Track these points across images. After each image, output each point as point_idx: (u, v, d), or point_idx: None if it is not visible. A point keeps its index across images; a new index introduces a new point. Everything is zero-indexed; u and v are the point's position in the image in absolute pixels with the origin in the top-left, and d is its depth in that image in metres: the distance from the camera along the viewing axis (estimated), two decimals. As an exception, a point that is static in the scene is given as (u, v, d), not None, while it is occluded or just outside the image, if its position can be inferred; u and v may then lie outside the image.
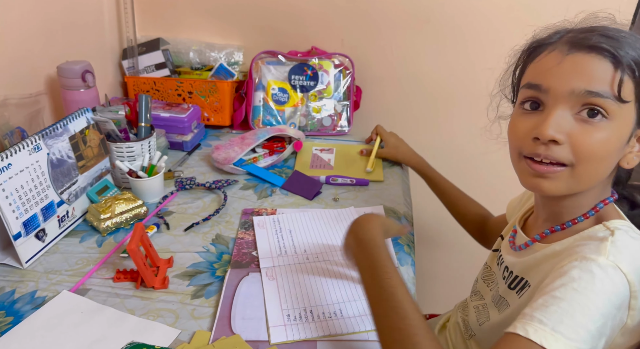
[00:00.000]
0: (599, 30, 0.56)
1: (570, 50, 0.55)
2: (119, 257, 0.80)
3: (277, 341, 0.64)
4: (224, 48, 1.32)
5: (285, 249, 0.82)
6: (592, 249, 0.53)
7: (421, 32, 1.25)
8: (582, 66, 0.54)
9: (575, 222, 0.60)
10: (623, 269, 0.51)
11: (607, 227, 0.57)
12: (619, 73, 0.52)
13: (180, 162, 1.13)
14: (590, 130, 0.54)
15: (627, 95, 0.53)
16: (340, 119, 1.29)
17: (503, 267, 0.70)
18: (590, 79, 0.53)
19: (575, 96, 0.54)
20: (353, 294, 0.72)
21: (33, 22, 1.00)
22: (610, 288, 0.50)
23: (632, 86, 0.54)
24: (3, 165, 0.73)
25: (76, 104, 0.98)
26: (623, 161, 0.58)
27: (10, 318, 0.67)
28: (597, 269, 0.50)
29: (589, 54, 0.54)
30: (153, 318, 0.68)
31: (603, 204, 0.60)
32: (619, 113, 0.54)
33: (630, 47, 0.54)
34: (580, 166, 0.55)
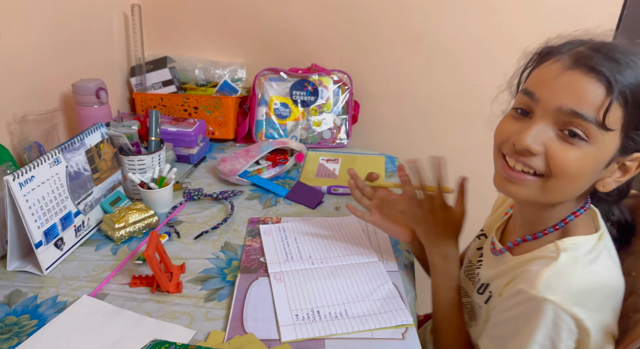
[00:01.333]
0: (607, 49, 0.54)
1: (571, 66, 0.54)
2: (133, 264, 0.85)
3: (287, 339, 0.68)
4: (227, 65, 1.38)
5: (291, 255, 0.87)
6: (530, 276, 0.58)
7: (415, 51, 1.32)
8: (575, 85, 0.53)
9: (546, 233, 0.63)
10: (555, 300, 0.54)
11: (557, 248, 0.60)
12: (608, 100, 0.52)
13: (187, 174, 1.18)
14: (567, 148, 0.55)
15: (612, 123, 0.53)
16: (339, 132, 1.35)
17: (477, 272, 0.77)
18: (579, 99, 0.53)
19: (562, 112, 0.54)
20: (357, 295, 0.77)
21: (48, 43, 1.06)
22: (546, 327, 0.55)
23: (620, 115, 0.53)
24: (27, 177, 0.77)
25: (90, 119, 1.03)
26: (599, 183, 0.58)
27: (35, 321, 0.71)
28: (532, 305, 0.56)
29: (586, 75, 0.53)
30: (169, 320, 0.72)
31: (573, 216, 0.61)
32: (600, 139, 0.54)
33: (632, 75, 0.52)
34: (552, 179, 0.57)
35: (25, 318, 0.71)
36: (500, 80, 1.32)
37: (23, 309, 0.73)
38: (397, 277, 0.82)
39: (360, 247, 0.89)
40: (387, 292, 0.77)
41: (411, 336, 0.69)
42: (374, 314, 0.73)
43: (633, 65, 0.53)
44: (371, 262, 0.85)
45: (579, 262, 0.58)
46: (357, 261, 0.85)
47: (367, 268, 0.83)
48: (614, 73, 0.52)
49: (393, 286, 0.78)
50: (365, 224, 0.97)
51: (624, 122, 0.54)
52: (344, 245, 0.90)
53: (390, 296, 0.76)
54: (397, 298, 0.76)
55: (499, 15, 1.24)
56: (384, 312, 0.73)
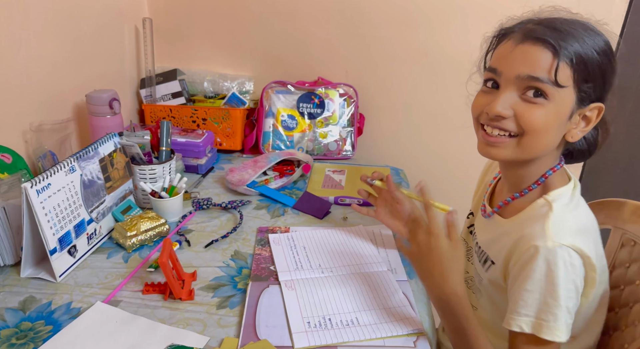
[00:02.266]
0: (550, 23, 0.64)
1: (522, 40, 0.64)
2: (145, 272, 0.86)
3: (300, 346, 0.69)
4: (235, 78, 1.41)
5: (301, 264, 0.88)
6: (537, 232, 0.64)
7: (420, 65, 1.35)
8: (527, 55, 0.63)
9: (530, 189, 0.71)
10: (567, 243, 0.62)
11: (546, 201, 0.68)
12: (556, 62, 0.61)
13: (195, 184, 1.19)
14: (532, 107, 0.64)
15: (563, 81, 0.62)
16: (345, 144, 1.37)
17: (476, 243, 0.81)
18: (532, 66, 0.63)
19: (521, 79, 0.64)
20: (367, 304, 0.78)
21: (63, 55, 1.09)
22: (571, 267, 0.62)
23: (569, 73, 0.62)
24: (44, 185, 0.79)
25: (103, 129, 1.05)
26: (568, 135, 0.67)
27: (50, 327, 0.71)
28: (551, 256, 0.62)
29: (534, 45, 0.63)
30: (183, 327, 0.73)
31: (552, 171, 0.69)
32: (557, 95, 0.63)
33: (573, 39, 0.62)
34: (524, 136, 0.66)
35: (40, 323, 0.72)
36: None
37: (38, 315, 0.74)
38: (407, 286, 0.83)
39: (369, 257, 0.90)
40: (397, 301, 0.78)
41: (423, 344, 0.70)
42: (385, 322, 0.74)
43: (573, 31, 0.63)
44: (380, 272, 0.86)
45: (568, 209, 0.67)
46: (366, 271, 0.86)
47: (377, 277, 0.84)
48: (557, 40, 0.62)
49: (403, 296, 0.79)
50: (374, 235, 0.98)
51: (574, 79, 0.63)
52: (353, 255, 0.91)
53: (400, 305, 0.77)
54: (408, 307, 0.77)
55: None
56: (395, 321, 0.74)
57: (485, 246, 0.78)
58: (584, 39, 0.63)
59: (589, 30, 0.64)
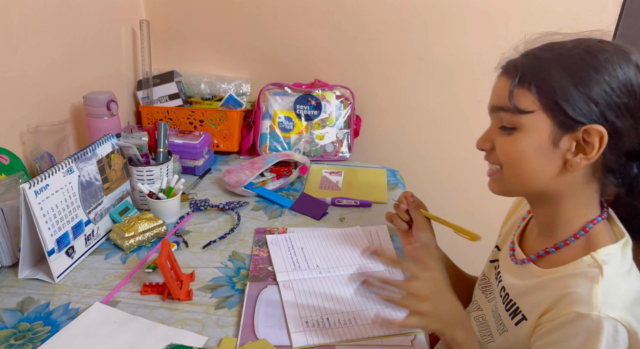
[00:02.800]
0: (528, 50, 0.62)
1: (499, 73, 0.64)
2: (143, 273, 0.86)
3: (298, 345, 0.69)
4: (233, 80, 1.41)
5: (298, 264, 0.89)
6: (583, 297, 0.56)
7: (415, 68, 1.36)
8: (496, 87, 0.64)
9: (567, 243, 0.63)
10: (615, 316, 0.54)
11: (595, 260, 0.59)
12: (511, 87, 0.60)
13: (193, 185, 1.20)
14: (507, 139, 0.62)
15: (526, 106, 0.59)
16: (341, 146, 1.38)
17: (501, 286, 0.73)
18: (497, 96, 0.63)
19: (492, 111, 0.64)
20: (365, 304, 0.78)
21: (60, 57, 1.09)
22: (613, 341, 0.54)
23: (532, 97, 0.58)
24: (42, 186, 0.79)
25: (100, 131, 1.05)
26: (567, 166, 0.59)
27: (48, 327, 0.72)
28: (594, 327, 0.54)
29: (502, 76, 0.63)
30: (181, 327, 0.73)
31: (592, 224, 0.62)
32: (527, 122, 0.59)
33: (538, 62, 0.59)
34: (504, 169, 0.64)
35: (38, 324, 0.72)
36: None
37: (36, 315, 0.74)
38: None
39: (366, 258, 0.91)
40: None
41: (419, 344, 0.71)
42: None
43: (542, 53, 0.59)
44: (378, 272, 0.87)
45: (620, 274, 0.58)
46: (363, 271, 0.87)
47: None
48: (516, 64, 0.60)
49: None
50: (370, 235, 0.99)
51: (540, 102, 0.58)
52: (350, 255, 0.92)
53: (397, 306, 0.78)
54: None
55: (497, 34, 1.29)
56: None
57: (516, 296, 0.68)
58: (555, 59, 0.58)
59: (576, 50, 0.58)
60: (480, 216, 1.51)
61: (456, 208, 1.52)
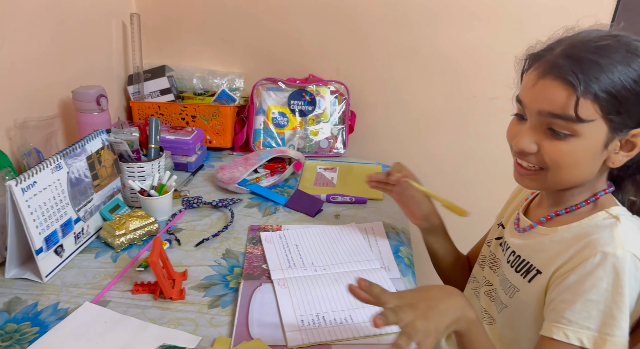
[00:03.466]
0: (576, 52, 0.60)
1: (544, 74, 0.61)
2: (135, 271, 0.84)
3: (293, 344, 0.68)
4: (225, 75, 1.39)
5: (293, 262, 0.87)
6: (606, 239, 0.60)
7: (411, 63, 1.35)
8: (548, 91, 0.61)
9: (578, 206, 0.67)
10: (637, 253, 0.58)
11: (610, 214, 0.63)
12: (575, 98, 0.58)
13: (185, 182, 1.18)
14: (557, 143, 0.62)
15: (589, 115, 0.59)
16: (336, 142, 1.36)
17: (509, 251, 0.75)
18: (552, 103, 0.60)
19: (542, 115, 0.62)
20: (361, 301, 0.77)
21: (49, 51, 1.06)
22: (634, 279, 0.58)
23: (594, 107, 0.59)
24: (29, 182, 0.77)
25: (90, 126, 1.03)
26: (608, 161, 0.63)
27: (36, 328, 0.70)
28: (620, 264, 0.58)
29: (555, 81, 0.60)
30: (174, 327, 0.72)
31: (603, 192, 0.67)
32: (584, 130, 0.60)
33: (599, 70, 0.58)
34: (551, 171, 0.64)
35: (26, 325, 0.70)
36: (494, 93, 1.36)
37: (23, 316, 0.72)
38: (400, 284, 0.83)
39: (362, 255, 0.90)
40: None
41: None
42: None
43: (600, 60, 0.59)
44: (373, 269, 0.86)
45: (634, 224, 0.63)
46: (359, 268, 0.86)
47: (370, 275, 0.84)
48: (578, 74, 0.58)
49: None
50: (366, 232, 0.98)
51: (601, 111, 0.59)
52: (346, 252, 0.91)
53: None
54: None
55: (492, 29, 1.28)
56: None
57: (528, 254, 0.71)
58: (614, 67, 0.58)
59: (626, 54, 0.59)
60: (476, 211, 1.50)
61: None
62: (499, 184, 1.01)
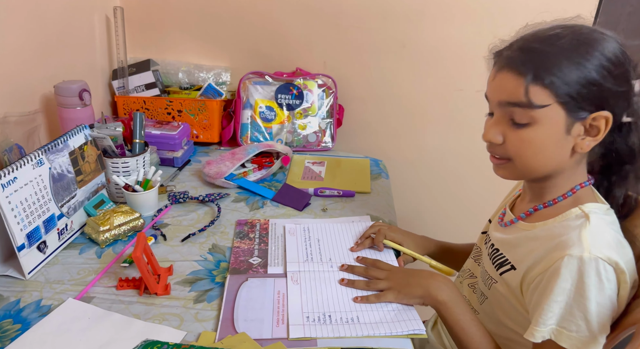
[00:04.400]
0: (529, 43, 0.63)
1: (500, 68, 0.65)
2: (119, 267, 0.83)
3: (295, 336, 0.68)
4: (211, 69, 1.38)
5: (311, 256, 0.87)
6: (574, 241, 0.61)
7: (398, 56, 1.35)
8: (503, 81, 0.64)
9: (556, 201, 0.68)
10: (603, 256, 0.59)
11: (582, 211, 0.64)
12: (525, 85, 0.61)
13: (171, 177, 1.17)
14: (519, 132, 0.64)
15: (541, 100, 0.61)
16: (324, 136, 1.36)
17: (489, 244, 0.78)
18: (508, 92, 0.64)
19: (503, 106, 0.65)
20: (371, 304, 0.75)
21: (29, 45, 1.04)
22: (606, 281, 0.59)
23: (547, 92, 0.61)
24: (9, 178, 0.76)
25: (73, 121, 1.01)
26: (576, 147, 0.64)
27: (18, 325, 0.69)
28: (585, 267, 0.59)
29: (509, 72, 0.63)
30: (159, 322, 0.71)
31: (580, 186, 0.67)
32: (541, 115, 0.62)
33: (548, 58, 0.61)
34: (516, 160, 0.67)
35: (7, 322, 0.69)
36: (480, 86, 1.35)
37: (5, 313, 0.71)
38: None
39: (382, 257, 0.87)
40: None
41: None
42: (385, 322, 0.71)
43: (550, 49, 0.61)
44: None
45: (605, 223, 0.64)
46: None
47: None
48: (527, 62, 0.62)
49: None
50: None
51: (554, 96, 0.61)
52: (367, 254, 0.88)
53: (404, 308, 0.74)
54: (412, 310, 0.74)
55: (479, 22, 1.28)
56: (396, 321, 0.71)
57: (505, 249, 0.73)
58: (561, 53, 0.60)
59: (574, 41, 0.60)
60: (463, 204, 1.51)
61: (439, 196, 1.52)
62: (486, 176, 1.01)
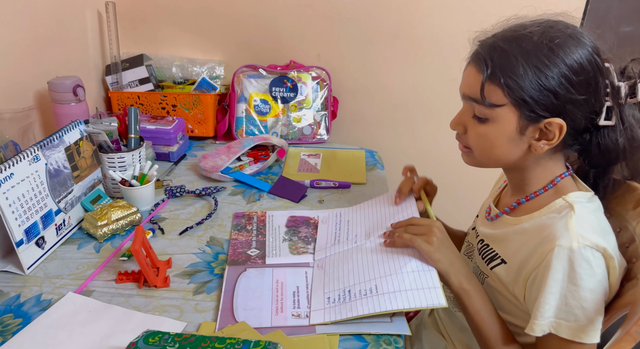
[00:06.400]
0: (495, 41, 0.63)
1: (469, 61, 0.67)
2: (118, 261, 0.84)
3: (315, 322, 0.70)
4: (205, 63, 1.38)
5: (338, 238, 0.88)
6: (562, 232, 0.61)
7: (391, 47, 1.35)
8: (467, 76, 0.67)
9: (537, 194, 0.70)
10: (591, 244, 0.60)
11: (566, 201, 0.65)
12: (482, 82, 0.63)
13: (167, 172, 1.17)
14: (478, 127, 0.68)
15: (496, 100, 0.63)
16: (319, 128, 1.37)
17: (478, 239, 0.79)
18: (469, 86, 0.66)
19: (466, 99, 0.68)
20: (390, 268, 0.74)
21: (21, 41, 1.04)
22: (597, 268, 0.60)
23: (501, 93, 0.62)
24: (6, 174, 0.76)
25: (67, 117, 1.01)
26: (532, 148, 0.65)
27: (19, 319, 0.69)
28: (574, 257, 0.59)
29: (473, 67, 0.65)
30: (159, 314, 0.72)
31: (560, 178, 0.69)
32: (497, 114, 0.64)
33: (508, 59, 0.61)
34: (475, 151, 0.71)
35: (8, 317, 0.70)
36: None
37: (6, 308, 0.71)
38: None
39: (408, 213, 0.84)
40: (419, 265, 0.73)
41: (399, 320, 0.70)
42: (404, 290, 0.69)
43: (513, 49, 0.61)
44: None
45: (589, 211, 0.65)
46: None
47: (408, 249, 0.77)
48: (487, 60, 0.63)
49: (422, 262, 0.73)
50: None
51: (509, 97, 0.62)
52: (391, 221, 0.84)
53: (423, 269, 0.72)
54: (432, 272, 0.71)
55: (471, 12, 1.28)
56: (415, 289, 0.69)
57: (494, 244, 0.74)
58: (522, 56, 0.60)
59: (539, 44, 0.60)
60: (457, 194, 1.52)
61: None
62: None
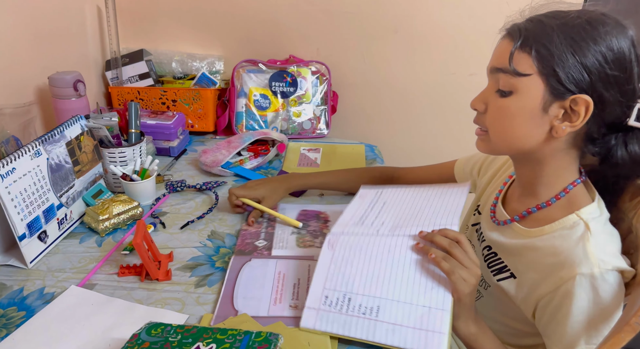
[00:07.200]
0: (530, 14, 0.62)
1: (502, 36, 0.64)
2: (120, 255, 0.84)
3: (305, 326, 0.65)
4: (205, 58, 1.38)
5: (364, 219, 0.77)
6: (581, 258, 0.59)
7: (390, 41, 1.35)
8: (498, 48, 0.64)
9: (549, 203, 0.66)
10: (612, 267, 0.59)
11: (580, 218, 0.62)
12: (513, 49, 0.60)
13: (168, 167, 1.17)
14: (499, 101, 0.63)
15: (525, 69, 0.60)
16: (319, 123, 1.37)
17: (484, 244, 0.76)
18: (497, 57, 0.63)
19: (493, 72, 0.64)
20: (402, 292, 0.65)
21: (21, 37, 1.04)
22: (614, 291, 0.59)
23: (530, 61, 0.59)
24: (8, 169, 0.76)
25: (68, 112, 1.02)
26: (552, 131, 0.61)
27: (23, 312, 0.70)
28: (598, 283, 0.58)
29: (503, 39, 0.63)
30: (161, 306, 0.73)
31: (572, 186, 0.65)
32: (522, 85, 0.60)
33: (541, 28, 0.59)
34: (490, 131, 0.66)
35: (12, 310, 0.70)
36: (471, 69, 1.37)
37: (9, 301, 0.72)
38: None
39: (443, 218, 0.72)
40: (436, 300, 0.63)
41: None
42: (406, 326, 0.62)
43: (547, 21, 0.59)
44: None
45: (603, 228, 0.63)
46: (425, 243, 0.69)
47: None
48: (520, 28, 0.60)
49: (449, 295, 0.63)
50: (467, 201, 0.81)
51: (537, 67, 0.59)
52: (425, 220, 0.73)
53: (437, 307, 0.63)
54: (445, 313, 0.62)
55: (470, 6, 1.28)
56: (418, 328, 0.62)
57: (504, 255, 0.71)
58: (558, 27, 0.58)
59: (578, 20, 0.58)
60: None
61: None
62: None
